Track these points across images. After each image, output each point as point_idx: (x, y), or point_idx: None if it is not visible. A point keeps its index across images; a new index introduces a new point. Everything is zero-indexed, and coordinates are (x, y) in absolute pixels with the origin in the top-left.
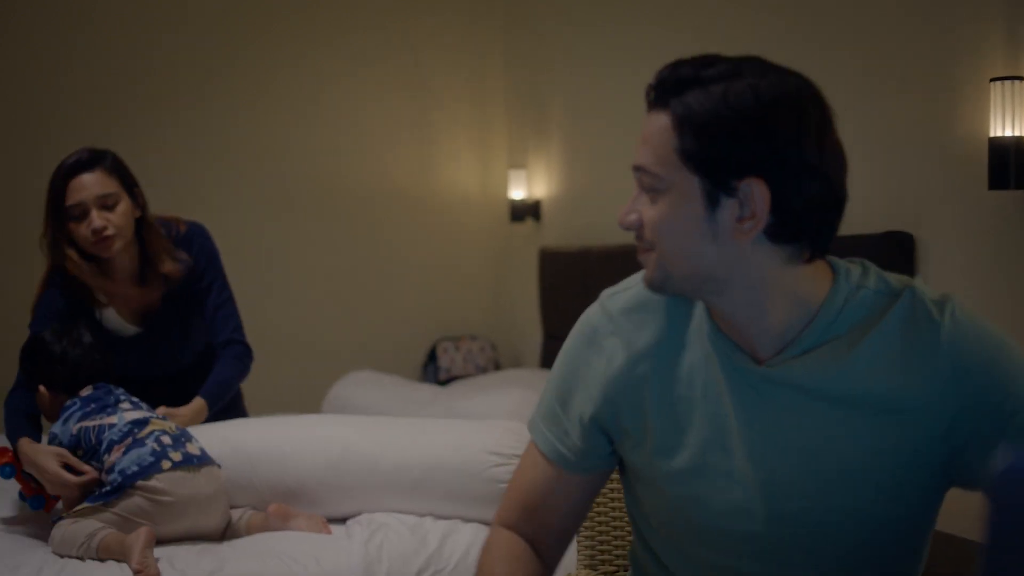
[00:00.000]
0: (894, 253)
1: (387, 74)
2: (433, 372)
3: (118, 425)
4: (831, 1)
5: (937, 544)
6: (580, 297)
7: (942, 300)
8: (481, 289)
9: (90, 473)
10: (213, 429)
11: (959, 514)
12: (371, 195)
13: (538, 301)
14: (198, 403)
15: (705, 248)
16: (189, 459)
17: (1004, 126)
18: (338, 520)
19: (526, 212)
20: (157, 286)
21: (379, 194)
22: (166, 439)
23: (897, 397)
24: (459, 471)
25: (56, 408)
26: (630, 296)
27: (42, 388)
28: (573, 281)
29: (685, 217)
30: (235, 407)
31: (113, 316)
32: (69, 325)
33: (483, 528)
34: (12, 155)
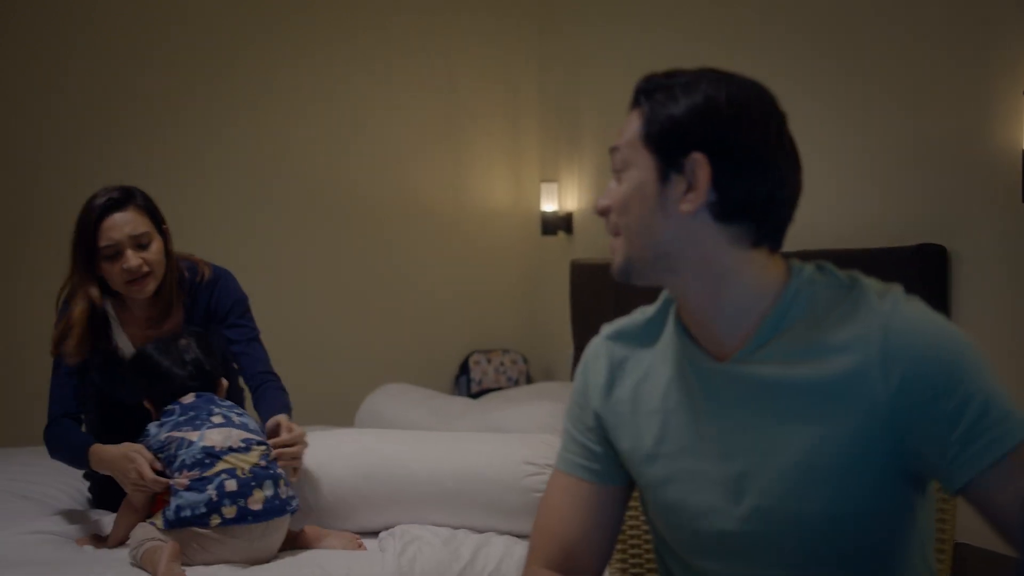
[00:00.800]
0: (926, 266)
1: (421, 90)
2: (465, 384)
3: (194, 447)
4: (863, 15)
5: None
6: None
7: (885, 291)
8: (513, 302)
9: (162, 482)
10: None
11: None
12: (403, 208)
13: (569, 314)
14: (283, 419)
15: (657, 221)
16: (244, 516)
17: None
18: (372, 533)
19: (558, 225)
20: (170, 322)
21: (411, 207)
22: (230, 484)
23: (844, 384)
24: (494, 481)
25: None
26: (619, 324)
27: (147, 403)
28: (604, 294)
29: (642, 192)
30: None
31: (125, 343)
32: (170, 341)
33: (516, 541)
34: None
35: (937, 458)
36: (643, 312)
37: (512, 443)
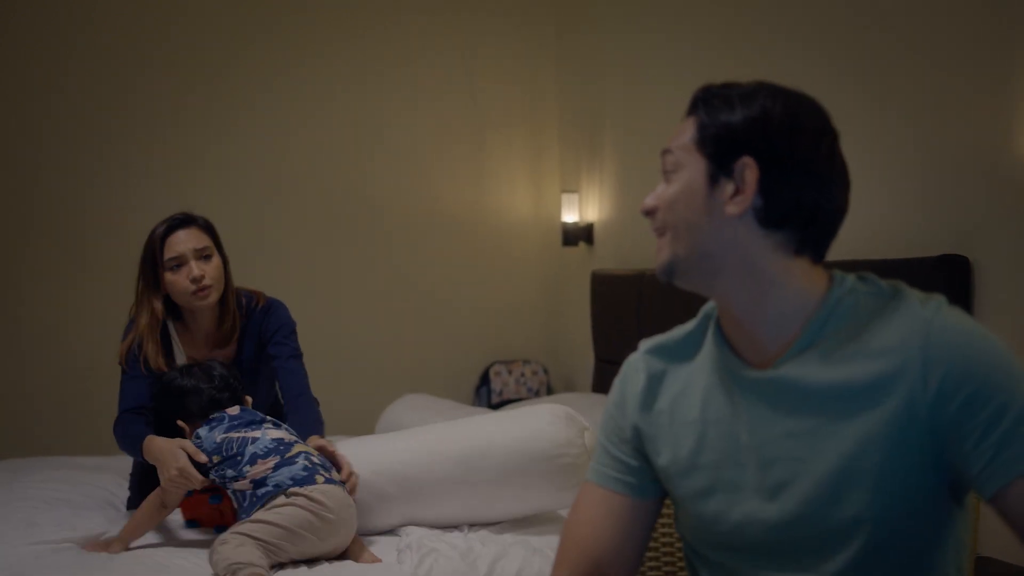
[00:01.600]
0: (949, 277)
1: (442, 100)
2: (486, 395)
3: (262, 440)
4: (886, 26)
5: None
6: (632, 321)
7: (928, 299)
8: (534, 313)
9: (204, 481)
10: None
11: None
12: (424, 219)
13: (590, 325)
14: (319, 440)
15: (703, 222)
16: (331, 480)
17: None
18: (391, 531)
19: (579, 236)
20: (229, 347)
21: (433, 218)
22: (315, 459)
23: (884, 388)
24: (517, 445)
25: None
26: (658, 339)
27: (181, 423)
28: (625, 305)
29: (690, 192)
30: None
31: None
32: (195, 364)
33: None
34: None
35: (971, 464)
36: (682, 328)
37: (526, 411)
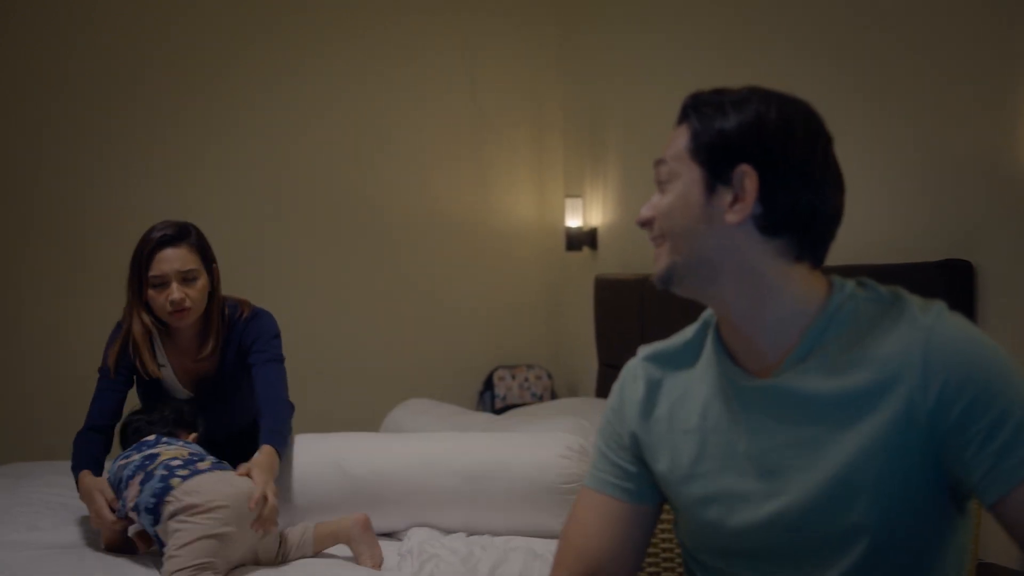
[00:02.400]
0: (952, 282)
1: (445, 104)
2: (490, 400)
3: (134, 461)
4: (887, 30)
5: None
6: (636, 325)
7: (928, 305)
8: (537, 317)
9: (114, 520)
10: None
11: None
12: (427, 223)
13: (594, 329)
14: (266, 452)
15: (701, 230)
16: (196, 472)
17: None
18: (393, 535)
19: (582, 240)
20: (212, 357)
21: (435, 222)
22: (175, 463)
23: (885, 396)
24: (523, 476)
25: None
26: (657, 346)
27: None
28: (629, 309)
29: (687, 202)
30: None
31: (170, 376)
32: (155, 407)
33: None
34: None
35: (972, 472)
36: (681, 335)
37: (543, 435)
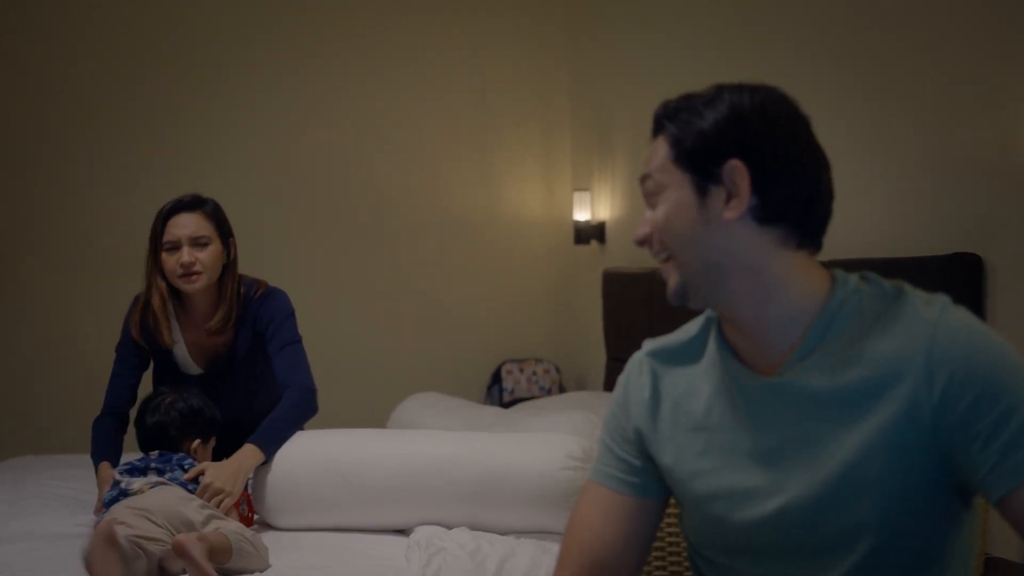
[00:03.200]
0: (961, 275)
1: (452, 97)
2: (498, 394)
3: (115, 488)
4: (896, 24)
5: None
6: (644, 319)
7: (931, 300)
8: (546, 311)
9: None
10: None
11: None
12: (435, 217)
13: (602, 323)
14: (244, 450)
15: (701, 233)
16: (126, 493)
17: None
18: (402, 531)
19: (590, 234)
20: (224, 331)
21: (443, 216)
22: (122, 483)
23: (888, 393)
24: (532, 476)
25: None
26: (661, 341)
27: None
28: (637, 303)
29: (681, 210)
30: None
31: (183, 353)
32: (168, 393)
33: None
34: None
35: (977, 468)
36: (686, 331)
37: (551, 439)
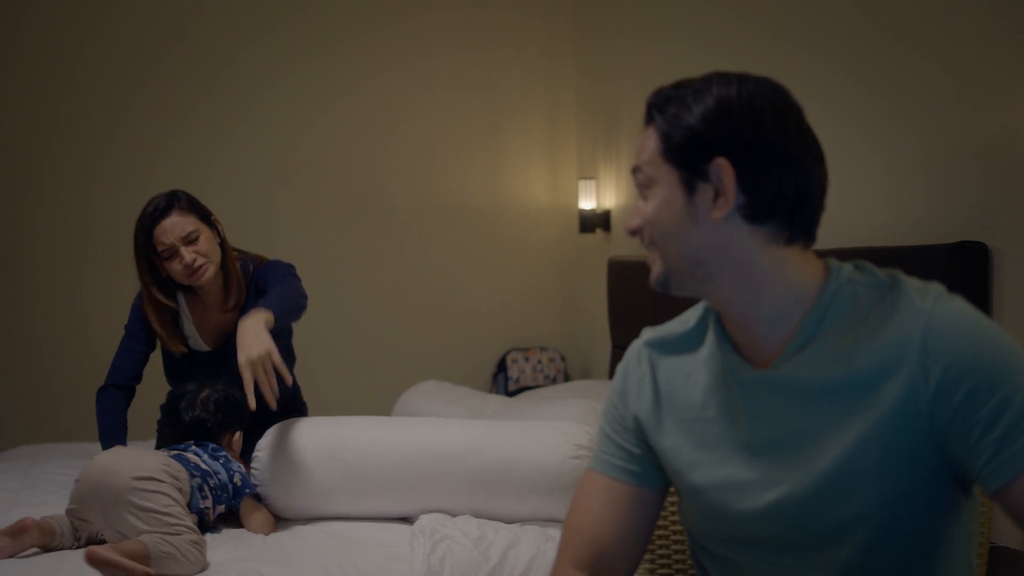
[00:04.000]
0: (967, 264)
1: (458, 87)
2: (503, 382)
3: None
4: (904, 13)
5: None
6: (649, 308)
7: (926, 289)
8: (550, 300)
9: None
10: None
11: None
12: (441, 206)
13: (607, 311)
14: (250, 313)
15: (689, 232)
16: None
17: None
18: (407, 519)
19: (596, 223)
20: (233, 310)
21: (450, 205)
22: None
23: (884, 384)
24: (537, 464)
25: None
26: (660, 331)
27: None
28: (642, 292)
29: (670, 206)
30: (297, 411)
31: (192, 333)
32: (187, 393)
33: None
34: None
35: (975, 459)
36: (684, 321)
37: (555, 425)
